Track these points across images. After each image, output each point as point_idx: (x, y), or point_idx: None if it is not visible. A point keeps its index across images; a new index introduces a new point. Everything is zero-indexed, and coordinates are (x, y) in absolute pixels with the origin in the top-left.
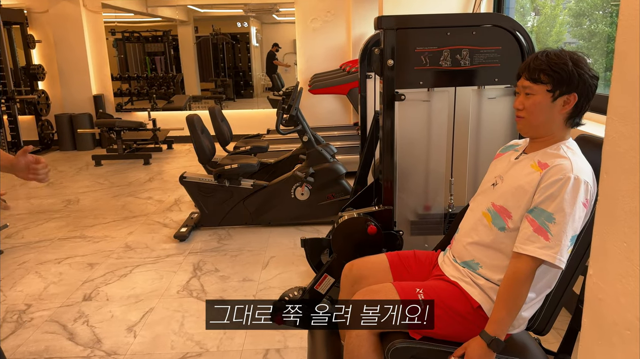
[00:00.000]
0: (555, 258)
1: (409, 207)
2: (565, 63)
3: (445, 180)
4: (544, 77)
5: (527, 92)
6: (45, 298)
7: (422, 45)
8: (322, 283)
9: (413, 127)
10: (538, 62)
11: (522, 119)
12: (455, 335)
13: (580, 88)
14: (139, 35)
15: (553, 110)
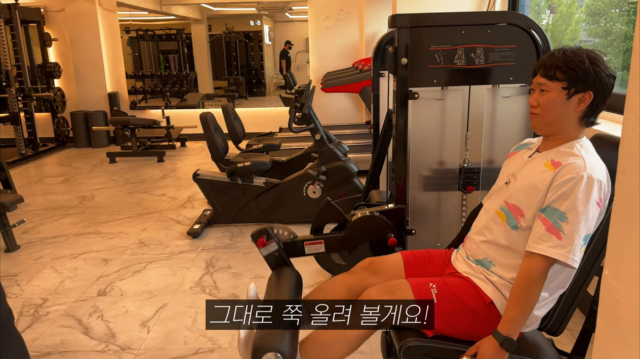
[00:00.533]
0: (568, 257)
1: (421, 207)
2: (581, 61)
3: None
4: (559, 74)
5: (542, 88)
6: (60, 292)
7: (436, 44)
8: (314, 245)
9: (427, 125)
10: (554, 59)
11: (536, 116)
12: (468, 332)
13: (596, 87)
14: (153, 33)
15: (567, 107)
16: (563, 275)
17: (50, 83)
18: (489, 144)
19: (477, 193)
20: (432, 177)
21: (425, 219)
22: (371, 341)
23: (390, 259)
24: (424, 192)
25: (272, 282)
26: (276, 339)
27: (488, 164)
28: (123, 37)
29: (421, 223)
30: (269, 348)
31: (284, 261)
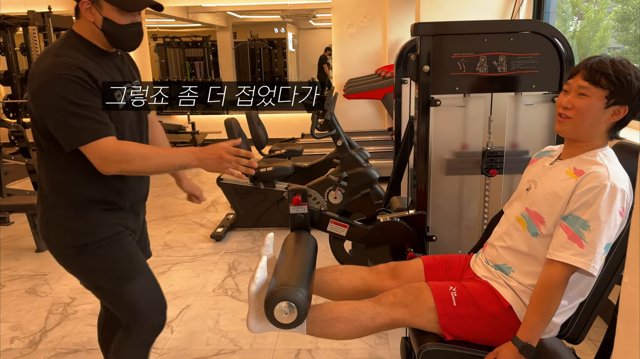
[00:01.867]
0: (589, 266)
1: (443, 213)
2: (630, 74)
3: (480, 185)
4: (604, 81)
5: (582, 92)
6: (88, 292)
7: (459, 51)
8: (338, 226)
9: (448, 132)
10: (602, 65)
11: (568, 119)
12: (486, 337)
13: (634, 103)
14: (180, 40)
15: (602, 117)
16: (583, 283)
17: None
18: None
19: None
20: (453, 184)
21: (446, 225)
22: (391, 347)
23: (412, 264)
24: (445, 199)
25: (289, 242)
26: (291, 290)
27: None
28: (150, 44)
29: (442, 230)
30: (284, 297)
31: (305, 226)
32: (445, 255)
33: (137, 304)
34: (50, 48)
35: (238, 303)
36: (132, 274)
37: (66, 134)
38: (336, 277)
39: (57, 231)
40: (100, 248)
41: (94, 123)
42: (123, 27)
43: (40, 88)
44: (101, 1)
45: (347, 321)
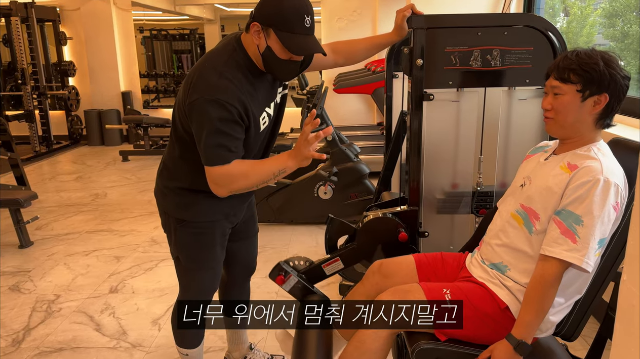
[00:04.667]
0: (583, 261)
1: (435, 209)
2: (596, 63)
3: (473, 182)
4: (573, 77)
5: (556, 92)
6: (73, 289)
7: (452, 45)
8: (331, 265)
9: (441, 127)
10: (568, 61)
11: (551, 120)
12: (482, 337)
13: (611, 89)
14: (167, 33)
15: (582, 110)
16: (580, 280)
17: (65, 82)
18: (504, 147)
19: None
20: (446, 179)
21: (438, 221)
22: None
23: (402, 261)
24: (437, 194)
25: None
26: None
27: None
28: (137, 37)
29: (434, 226)
30: None
31: (308, 290)
32: (439, 252)
33: (193, 285)
34: (217, 61)
35: None
36: (207, 263)
37: (203, 152)
38: None
39: (168, 202)
40: (194, 229)
41: (226, 152)
42: (281, 61)
43: (198, 103)
44: (271, 31)
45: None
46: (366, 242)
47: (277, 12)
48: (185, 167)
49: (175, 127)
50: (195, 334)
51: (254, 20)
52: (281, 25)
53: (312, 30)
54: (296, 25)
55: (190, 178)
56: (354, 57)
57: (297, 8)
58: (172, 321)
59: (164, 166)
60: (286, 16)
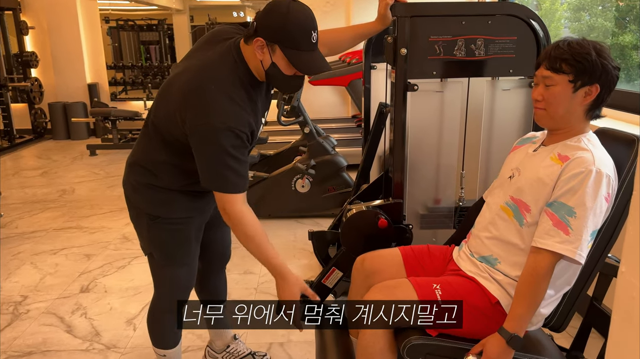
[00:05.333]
0: (576, 253)
1: (418, 201)
2: (588, 52)
3: (457, 173)
4: (565, 67)
5: (547, 82)
6: (41, 289)
7: (437, 34)
8: (330, 276)
9: (425, 118)
10: (560, 50)
11: (542, 111)
12: (473, 332)
13: (602, 79)
14: (134, 23)
15: (574, 101)
16: (569, 272)
17: (27, 73)
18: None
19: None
20: (429, 171)
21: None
22: None
23: (387, 255)
24: (421, 187)
25: None
26: None
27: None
28: (103, 27)
29: (417, 217)
30: None
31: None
32: (425, 245)
33: (168, 282)
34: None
35: None
36: (180, 259)
37: (212, 178)
38: None
39: (140, 198)
40: (169, 225)
41: (239, 178)
42: (286, 77)
43: (208, 129)
44: (277, 47)
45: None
46: (351, 241)
47: (283, 28)
48: (172, 171)
49: (158, 131)
50: (173, 334)
51: (258, 35)
52: (287, 42)
53: (316, 46)
54: (303, 42)
55: (172, 180)
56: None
57: (303, 24)
58: (147, 322)
59: (137, 164)
60: (293, 33)
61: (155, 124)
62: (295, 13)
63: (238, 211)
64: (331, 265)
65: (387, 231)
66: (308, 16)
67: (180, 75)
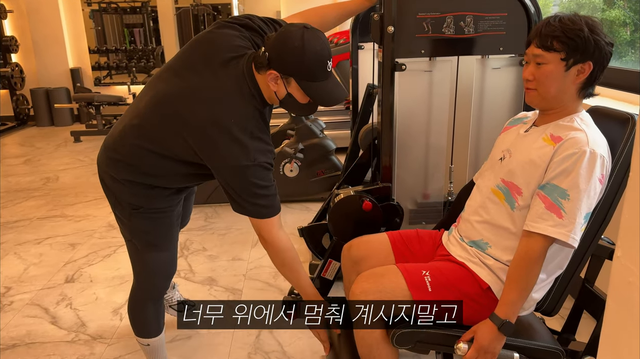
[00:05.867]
0: (569, 237)
1: (407, 185)
2: (580, 29)
3: (445, 165)
4: (557, 45)
5: (538, 61)
6: (25, 280)
7: (425, 11)
8: (329, 269)
9: (414, 98)
10: (551, 27)
11: (533, 91)
12: (464, 318)
13: (596, 56)
14: (117, 6)
15: (566, 80)
16: (561, 255)
17: (7, 58)
18: (477, 117)
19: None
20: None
21: (410, 197)
22: None
23: (375, 240)
24: (409, 170)
25: None
26: None
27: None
28: (84, 10)
29: (406, 201)
30: None
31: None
32: (414, 230)
33: (150, 269)
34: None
35: (192, 285)
36: (162, 245)
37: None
38: None
39: (123, 189)
40: (150, 214)
41: (271, 201)
42: (301, 105)
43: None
44: (292, 80)
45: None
46: (340, 229)
47: (299, 63)
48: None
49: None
50: (156, 322)
51: (271, 67)
52: (304, 75)
53: (331, 72)
54: (319, 74)
55: (159, 181)
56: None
57: (319, 56)
58: (128, 311)
59: (120, 161)
60: (309, 67)
61: (147, 131)
62: (310, 46)
63: (275, 238)
64: (327, 257)
65: (375, 214)
66: (323, 46)
67: (189, 97)
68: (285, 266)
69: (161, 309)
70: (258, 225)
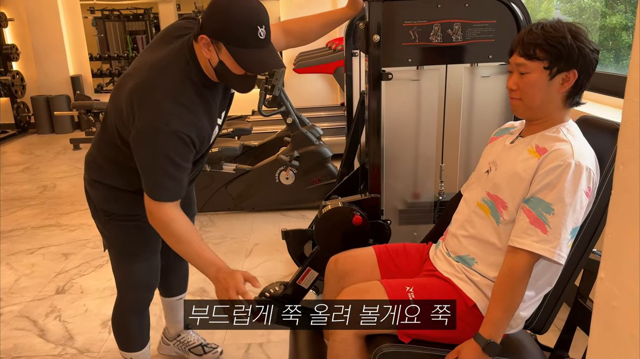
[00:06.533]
0: (554, 253)
1: (397, 195)
2: (563, 36)
3: (436, 165)
4: (540, 53)
5: (522, 70)
6: (15, 291)
7: (411, 19)
8: (305, 277)
9: (401, 108)
10: (533, 35)
11: (517, 101)
12: (448, 337)
13: (580, 64)
14: (119, 13)
15: (550, 89)
16: (550, 272)
17: (8, 66)
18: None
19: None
20: (407, 163)
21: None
22: None
23: (361, 254)
24: (399, 180)
25: None
26: None
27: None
28: (87, 18)
29: (395, 213)
30: None
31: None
32: (402, 244)
33: (129, 280)
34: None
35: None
36: (139, 255)
37: (148, 182)
38: None
39: (96, 194)
40: (123, 221)
41: (177, 186)
42: (236, 76)
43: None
44: (222, 45)
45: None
46: (325, 240)
47: (226, 25)
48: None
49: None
50: (139, 336)
51: (202, 32)
52: (232, 40)
53: (267, 41)
54: (249, 40)
55: (120, 181)
56: (307, 36)
57: (248, 20)
58: (112, 324)
59: (93, 159)
60: (237, 30)
61: (107, 123)
62: (237, 7)
63: (164, 213)
64: (306, 265)
65: (364, 228)
66: (253, 10)
67: (132, 74)
68: (181, 242)
69: (145, 322)
70: (150, 203)
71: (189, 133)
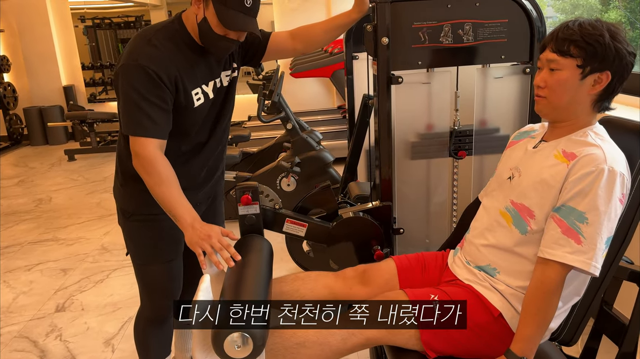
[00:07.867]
0: (590, 265)
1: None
2: (601, 35)
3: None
4: (574, 50)
5: (552, 66)
6: (14, 310)
7: (420, 20)
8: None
9: (412, 112)
10: (569, 31)
11: (543, 99)
12: (474, 351)
13: (615, 66)
14: (110, 21)
15: (580, 89)
16: (578, 280)
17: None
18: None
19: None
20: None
21: (413, 215)
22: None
23: (382, 267)
24: (411, 187)
25: (238, 250)
26: None
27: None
28: (78, 27)
29: (409, 220)
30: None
31: (258, 229)
32: (419, 253)
33: (146, 285)
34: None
35: None
36: (156, 257)
37: (123, 119)
38: (297, 287)
39: (116, 192)
40: (141, 222)
41: (147, 120)
42: (215, 36)
43: (121, 69)
44: (210, 3)
45: (315, 345)
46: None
47: None
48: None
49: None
50: (159, 348)
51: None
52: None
53: (252, 12)
54: (233, 2)
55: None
56: (314, 41)
57: None
58: (133, 333)
59: (121, 158)
60: None
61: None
62: None
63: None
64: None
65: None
66: None
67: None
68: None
69: (164, 335)
70: (133, 143)
71: (156, 69)
